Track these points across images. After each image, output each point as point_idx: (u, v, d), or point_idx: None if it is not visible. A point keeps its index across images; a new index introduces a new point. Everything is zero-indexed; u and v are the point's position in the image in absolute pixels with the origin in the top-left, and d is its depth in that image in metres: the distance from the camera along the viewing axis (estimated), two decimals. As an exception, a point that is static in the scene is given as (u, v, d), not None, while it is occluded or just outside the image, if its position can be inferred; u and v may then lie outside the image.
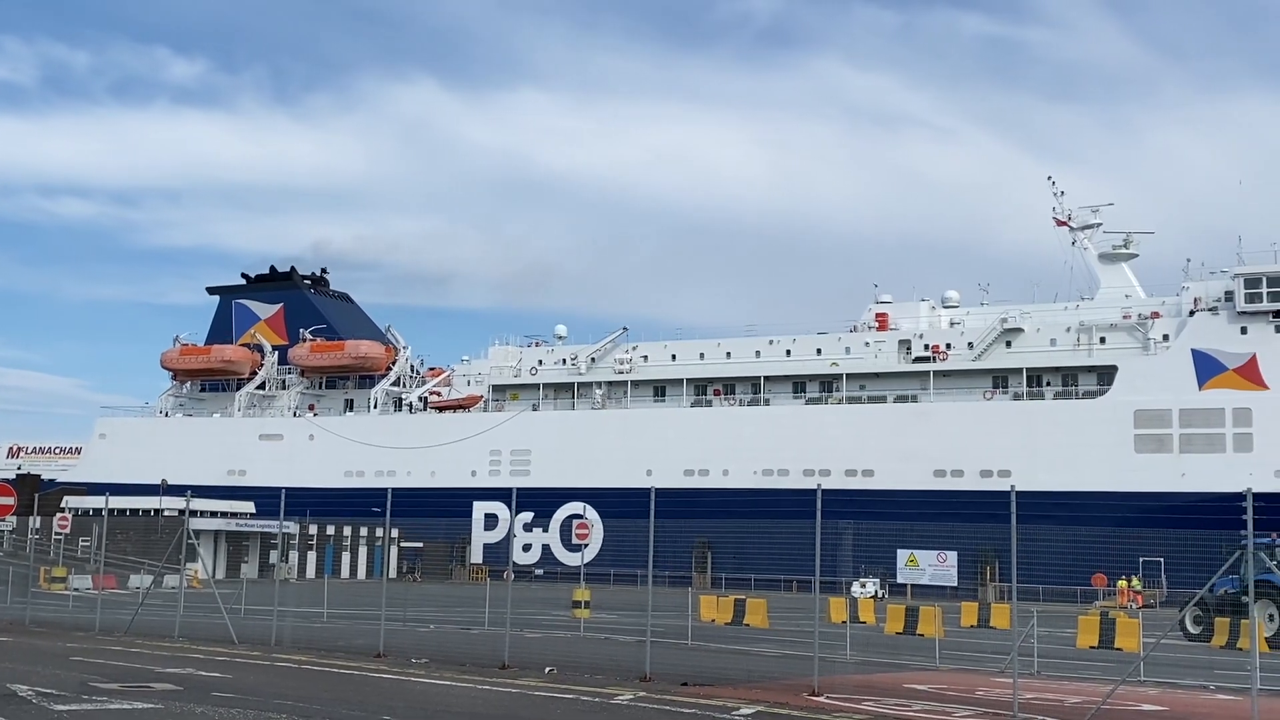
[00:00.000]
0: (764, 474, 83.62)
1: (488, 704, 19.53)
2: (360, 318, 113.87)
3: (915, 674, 25.92)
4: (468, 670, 24.34)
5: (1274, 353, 72.67)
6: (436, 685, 22.05)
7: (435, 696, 20.47)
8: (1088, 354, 79.73)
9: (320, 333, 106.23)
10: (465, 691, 21.12)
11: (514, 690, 21.10)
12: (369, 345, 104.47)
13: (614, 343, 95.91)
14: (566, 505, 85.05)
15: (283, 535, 60.23)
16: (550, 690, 21.14)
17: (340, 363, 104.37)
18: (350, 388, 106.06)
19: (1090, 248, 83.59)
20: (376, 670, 24.11)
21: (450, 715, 18.26)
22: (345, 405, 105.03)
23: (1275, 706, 20.05)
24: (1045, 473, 73.27)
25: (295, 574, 77.30)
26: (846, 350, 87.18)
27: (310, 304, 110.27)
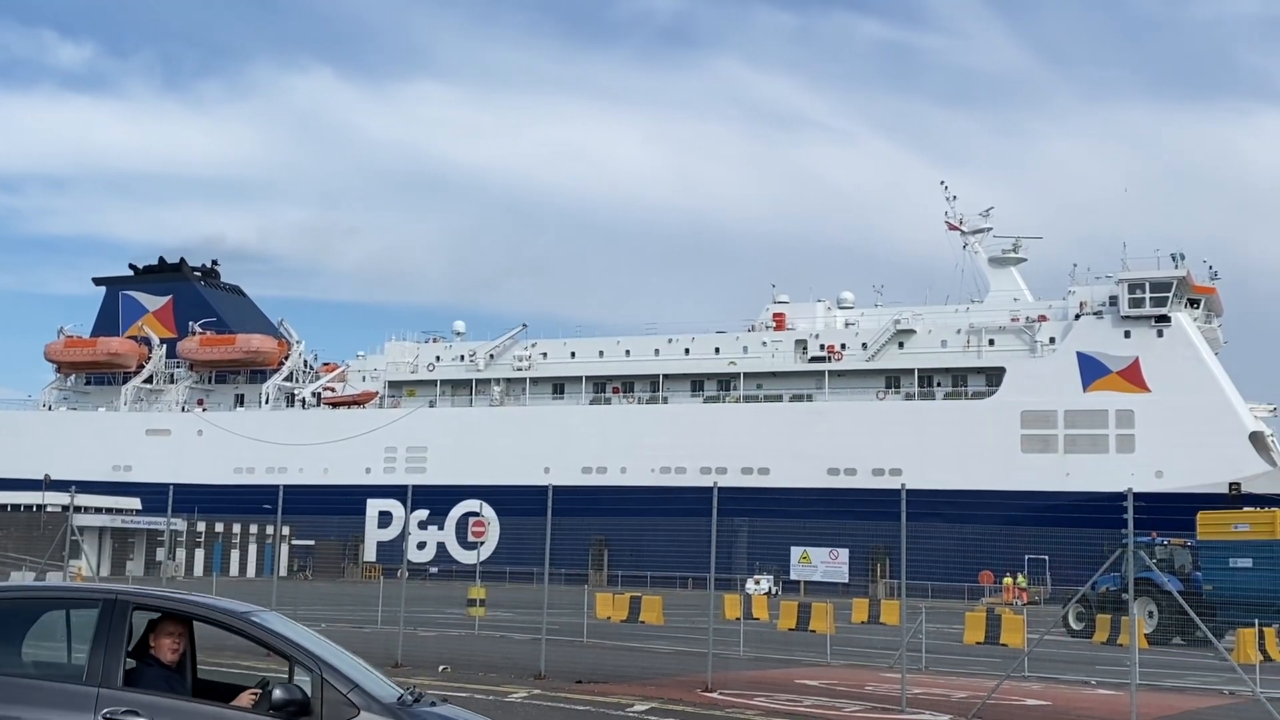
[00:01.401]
0: (662, 472, 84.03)
1: (380, 703, 19.31)
2: (252, 311, 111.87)
3: (807, 669, 26.26)
4: (360, 669, 24.03)
5: (1156, 356, 74.93)
6: (328, 684, 21.72)
7: (327, 696, 20.18)
8: (977, 355, 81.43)
9: (210, 326, 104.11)
10: (358, 690, 20.84)
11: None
12: (261, 339, 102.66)
13: (513, 340, 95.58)
14: (463, 503, 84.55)
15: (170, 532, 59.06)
16: (444, 689, 20.95)
17: (231, 357, 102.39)
18: (241, 383, 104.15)
19: (981, 251, 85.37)
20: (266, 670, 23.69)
21: (342, 714, 18.00)
22: (236, 400, 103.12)
23: (1153, 701, 20.72)
24: (935, 471, 74.62)
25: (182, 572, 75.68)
26: (744, 350, 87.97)
27: (200, 296, 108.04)
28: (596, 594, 45.60)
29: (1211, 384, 73.84)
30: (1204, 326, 76.83)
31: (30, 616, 8.25)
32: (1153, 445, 72.74)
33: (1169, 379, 73.98)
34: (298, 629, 8.26)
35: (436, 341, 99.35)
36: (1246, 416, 73.75)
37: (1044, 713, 19.62)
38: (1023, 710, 19.74)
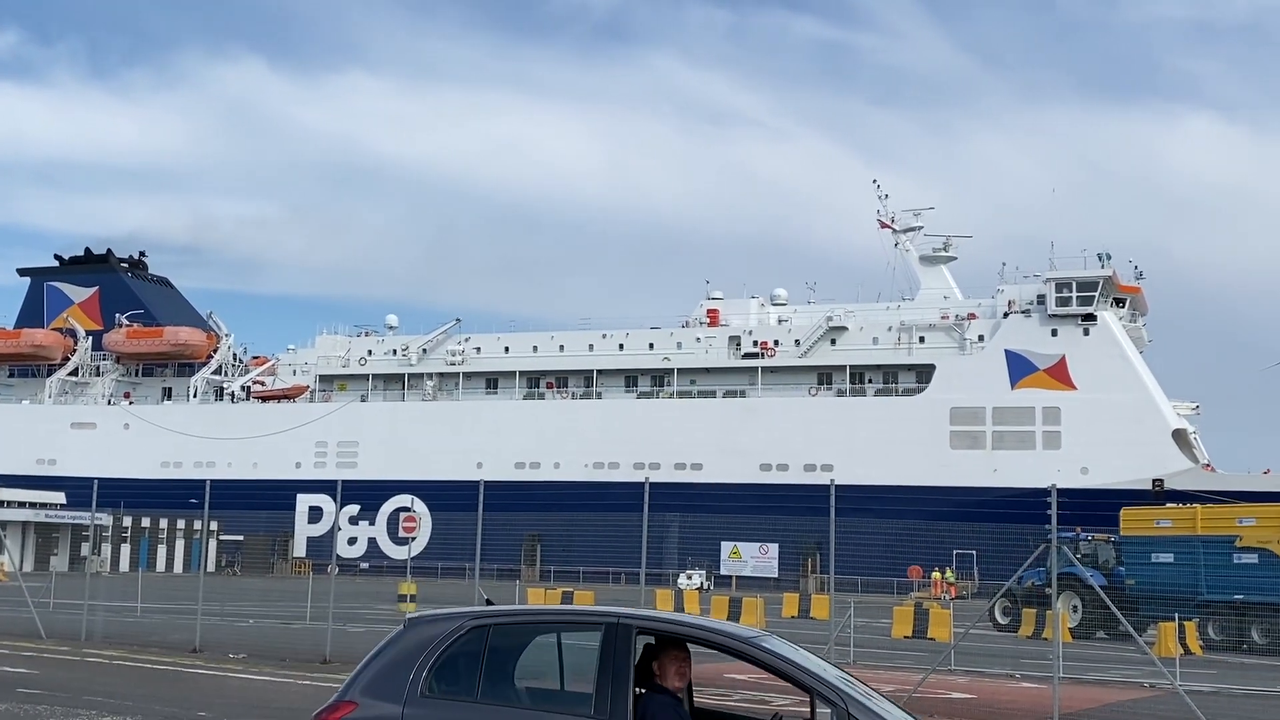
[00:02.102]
0: (595, 467, 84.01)
1: (307, 699, 19.15)
2: (180, 304, 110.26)
3: (736, 664, 26.29)
4: (288, 665, 23.85)
5: (1082, 354, 76.15)
6: (254, 681, 21.55)
7: (253, 692, 20.02)
8: (908, 353, 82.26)
9: (137, 318, 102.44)
10: (284, 687, 20.70)
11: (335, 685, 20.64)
12: (189, 332, 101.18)
13: (446, 334, 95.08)
14: (394, 498, 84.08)
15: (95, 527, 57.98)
16: (373, 685, 20.84)
17: (158, 350, 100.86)
18: (169, 376, 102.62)
19: (912, 250, 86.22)
20: (192, 666, 23.45)
21: (268, 711, 17.87)
22: (163, 394, 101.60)
23: (1076, 694, 21.08)
24: (866, 467, 75.40)
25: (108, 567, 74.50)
26: (678, 345, 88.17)
27: (127, 288, 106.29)
28: (528, 589, 45.55)
29: (1136, 382, 75.19)
30: (1129, 326, 78.19)
31: (521, 643, 7.71)
32: (1078, 442, 73.94)
33: (1095, 377, 75.24)
34: (807, 655, 7.64)
35: (368, 335, 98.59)
36: (1170, 414, 75.20)
37: (968, 705, 19.88)
38: (948, 703, 19.98)
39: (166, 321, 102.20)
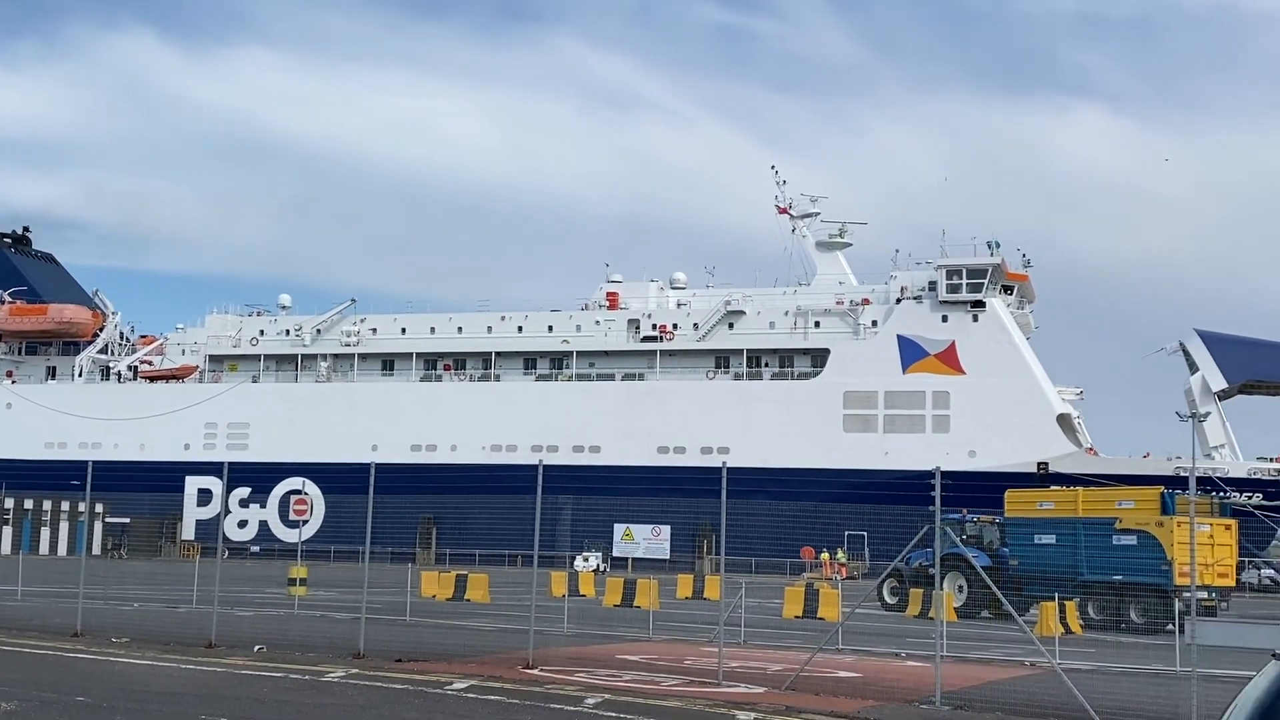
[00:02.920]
0: (493, 450, 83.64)
1: (191, 683, 18.86)
2: (66, 280, 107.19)
3: (628, 645, 26.54)
4: (171, 649, 23.43)
5: (971, 340, 77.65)
6: (137, 665, 21.15)
7: (135, 676, 19.63)
8: (803, 337, 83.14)
9: (21, 295, 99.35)
10: (167, 671, 20.33)
11: (220, 669, 20.46)
12: (74, 310, 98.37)
13: (341, 314, 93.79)
14: (286, 481, 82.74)
15: (-27, 510, 56.28)
16: (258, 669, 20.59)
17: (42, 327, 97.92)
18: (53, 354, 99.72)
19: (809, 236, 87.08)
20: (73, 650, 22.90)
21: (150, 695, 17.53)
22: (47, 373, 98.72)
23: (958, 672, 21.54)
24: (761, 450, 76.22)
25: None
26: (577, 328, 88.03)
27: (10, 264, 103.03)
28: (422, 572, 45.20)
29: (1023, 368, 76.90)
30: (1017, 312, 79.91)
31: None
32: (967, 426, 75.46)
33: (983, 362, 76.79)
34: None
35: (260, 315, 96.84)
36: (1055, 399, 77.06)
37: (854, 684, 20.22)
38: (834, 682, 20.31)
39: (51, 299, 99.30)
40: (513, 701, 17.21)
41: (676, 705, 17.30)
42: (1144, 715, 16.76)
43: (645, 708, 16.92)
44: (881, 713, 17.01)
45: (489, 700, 17.35)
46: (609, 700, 17.54)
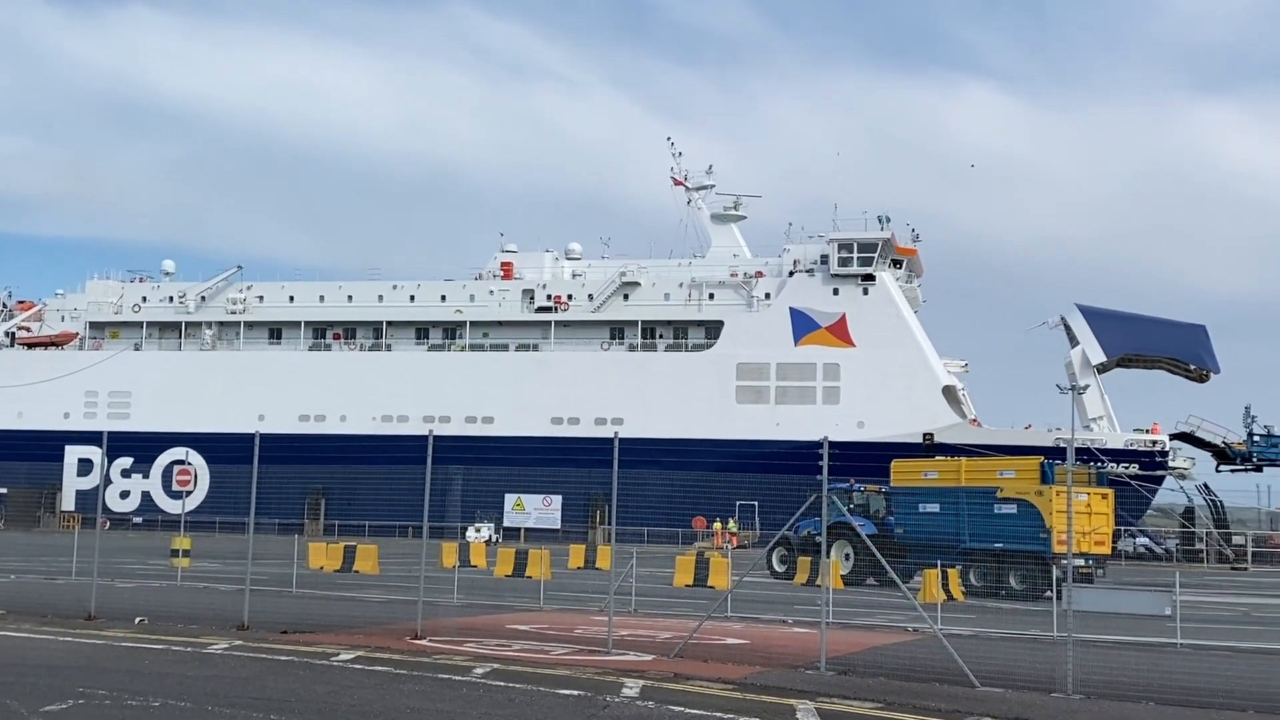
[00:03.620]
0: (384, 420, 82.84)
1: (69, 655, 18.40)
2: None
3: (519, 615, 26.53)
4: (49, 621, 22.84)
5: (861, 313, 78.75)
6: (13, 637, 20.58)
7: (10, 648, 19.09)
8: (698, 309, 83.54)
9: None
10: (45, 643, 19.81)
11: (99, 641, 20.00)
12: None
13: (227, 281, 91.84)
14: (170, 450, 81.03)
15: None
16: (139, 640, 20.16)
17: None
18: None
19: (704, 208, 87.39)
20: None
21: (26, 668, 17.04)
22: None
23: (843, 638, 21.93)
24: (656, 421, 76.65)
25: None
26: (471, 298, 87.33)
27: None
28: (309, 544, 44.71)
29: (911, 341, 78.22)
30: (905, 286, 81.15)
31: None
32: (856, 397, 76.61)
33: (872, 335, 77.94)
34: None
35: (143, 281, 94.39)
36: (941, 371, 78.55)
37: (742, 650, 20.46)
38: (722, 649, 20.52)
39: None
40: (400, 672, 17.09)
41: (566, 674, 17.33)
42: (1022, 679, 17.20)
43: (534, 676, 16.92)
44: (767, 678, 17.22)
45: (375, 671, 17.20)
46: (498, 670, 17.51)
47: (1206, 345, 78.10)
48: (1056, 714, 14.63)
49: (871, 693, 16.06)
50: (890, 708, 14.96)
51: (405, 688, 15.65)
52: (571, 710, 14.08)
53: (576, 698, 15.07)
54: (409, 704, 14.28)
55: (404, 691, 15.31)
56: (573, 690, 15.67)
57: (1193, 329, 79.21)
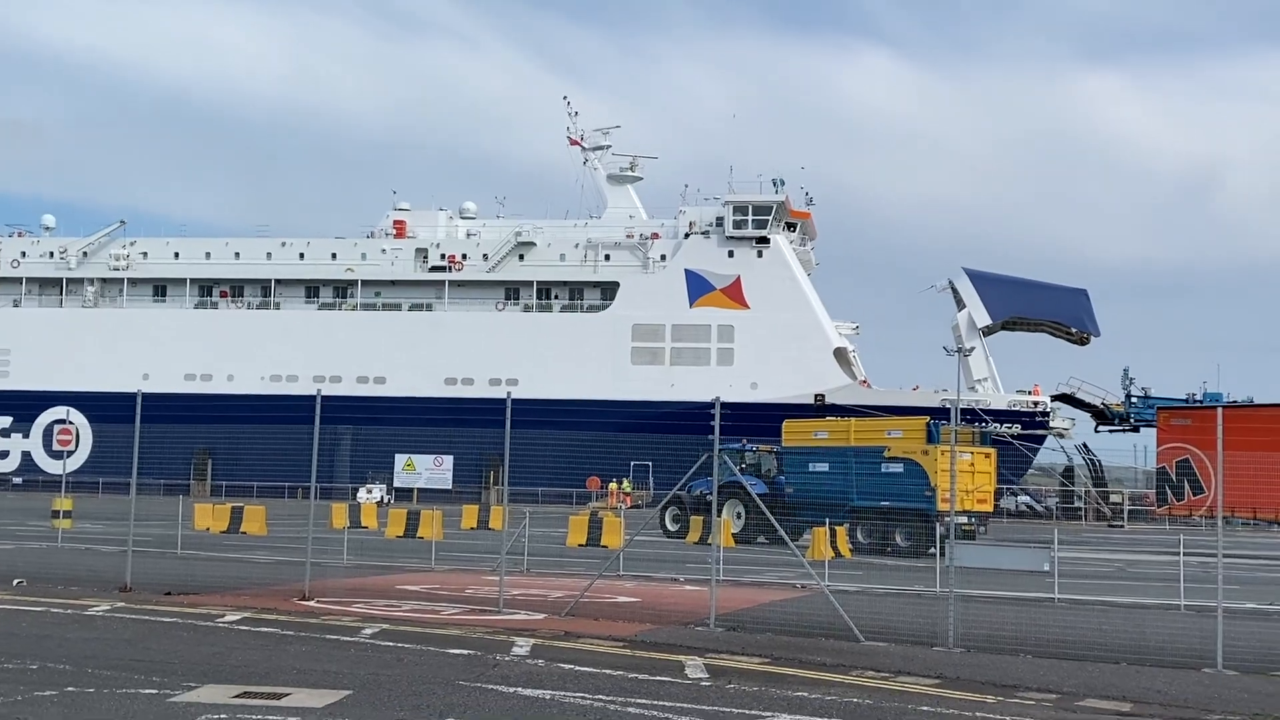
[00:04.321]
0: (272, 380, 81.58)
1: (-61, 622, 17.84)
2: None
3: (410, 575, 26.38)
4: (-79, 586, 22.12)
5: (755, 276, 79.39)
6: (-121, 604, 19.88)
7: (-124, 616, 18.44)
8: (594, 270, 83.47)
9: None
10: (-86, 609, 19.18)
11: (-27, 606, 19.43)
12: None
13: (110, 237, 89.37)
14: (51, 410, 78.89)
15: None
16: (17, 603, 19.64)
17: None
18: None
19: (600, 168, 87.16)
20: None
21: (-108, 636, 16.48)
22: None
23: (733, 594, 22.21)
24: (550, 381, 76.58)
25: None
26: (362, 256, 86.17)
27: None
28: (195, 505, 43.93)
29: (803, 303, 79.11)
30: (799, 249, 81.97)
31: None
32: (750, 359, 77.39)
33: (766, 297, 78.67)
34: None
35: (22, 236, 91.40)
36: (833, 334, 79.60)
37: (633, 608, 20.60)
38: (614, 607, 20.65)
39: None
40: (287, 633, 16.89)
41: (456, 633, 17.29)
42: (905, 633, 17.58)
43: (424, 636, 16.86)
44: (657, 635, 17.37)
45: (262, 632, 16.99)
46: (387, 630, 17.41)
47: (1087, 309, 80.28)
48: (937, 667, 14.98)
49: (759, 648, 16.29)
50: (777, 662, 15.19)
51: (292, 649, 15.48)
52: (461, 669, 14.06)
53: (466, 657, 15.05)
54: (296, 665, 14.13)
55: (291, 652, 15.15)
56: (463, 650, 15.64)
57: (1074, 293, 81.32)
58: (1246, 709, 12.70)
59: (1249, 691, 13.81)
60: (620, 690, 12.85)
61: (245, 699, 11.87)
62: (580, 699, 12.30)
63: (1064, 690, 13.61)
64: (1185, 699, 13.23)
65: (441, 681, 13.14)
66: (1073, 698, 13.21)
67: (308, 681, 12.86)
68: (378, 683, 12.96)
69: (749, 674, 14.28)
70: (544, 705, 11.95)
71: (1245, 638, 16.97)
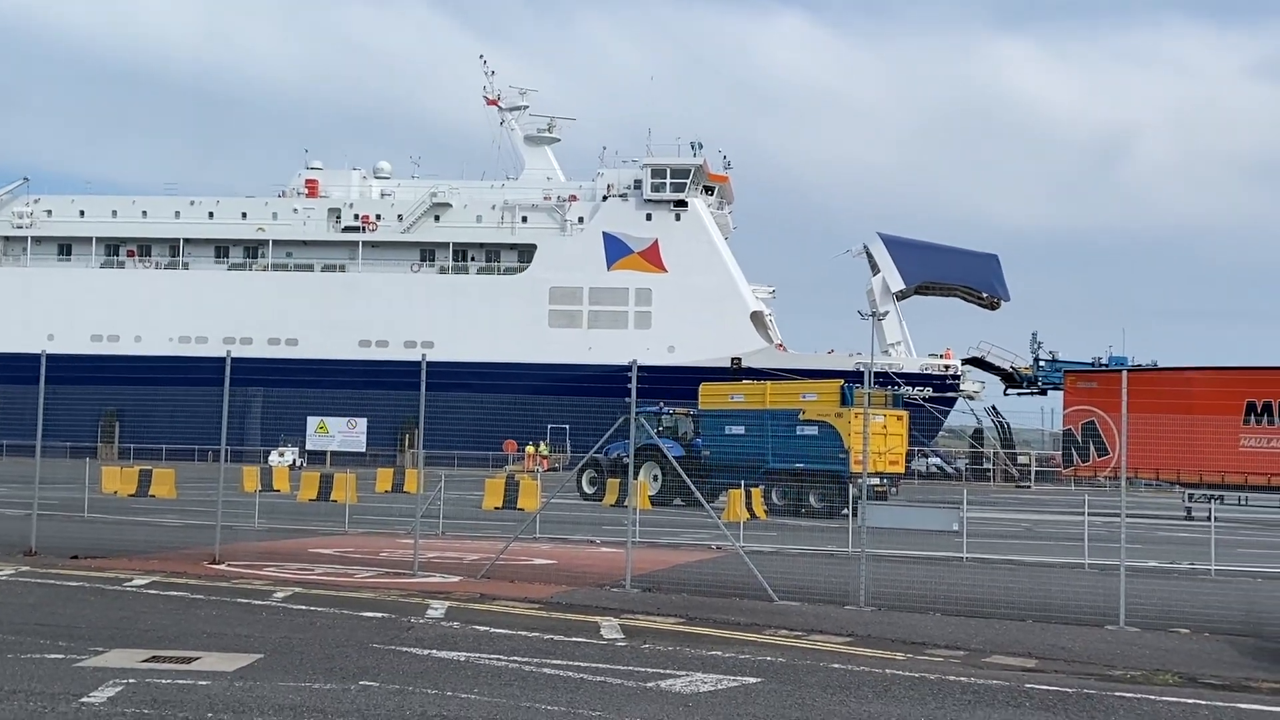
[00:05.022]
0: (181, 341, 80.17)
1: None
2: None
3: (323, 539, 26.14)
4: None
5: (673, 239, 79.44)
6: None
7: None
8: (511, 232, 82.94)
9: None
10: None
11: None
12: None
13: (12, 194, 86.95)
14: (-49, 371, 76.71)
15: None
16: (-86, 571, 19.12)
17: None
18: None
19: (517, 129, 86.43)
20: None
21: None
22: None
23: (648, 556, 22.32)
24: (467, 344, 76.13)
25: None
26: (274, 216, 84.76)
27: None
28: (103, 467, 43.10)
29: (720, 267, 79.37)
30: (716, 213, 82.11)
31: None
32: (667, 322, 77.53)
33: (684, 261, 78.79)
34: None
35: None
36: (750, 297, 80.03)
37: (549, 570, 20.62)
38: (530, 569, 20.65)
39: None
40: (197, 597, 16.65)
41: (370, 596, 17.18)
42: (818, 592, 17.80)
43: (337, 599, 16.72)
44: (573, 597, 17.41)
45: (171, 596, 16.73)
46: (299, 594, 17.24)
47: (998, 274, 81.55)
48: (849, 625, 15.20)
49: (674, 608, 16.39)
50: (692, 622, 15.31)
51: (202, 612, 15.27)
52: (375, 632, 13.97)
53: (381, 620, 14.96)
54: (206, 629, 13.94)
55: (201, 616, 14.94)
56: (377, 613, 15.54)
57: (986, 258, 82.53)
58: (1147, 664, 13.05)
59: (1150, 648, 14.19)
60: (535, 651, 12.86)
61: (154, 663, 11.68)
62: (495, 660, 12.29)
63: (971, 647, 13.88)
64: (1089, 655, 13.55)
65: (355, 644, 13.04)
66: (980, 654, 13.48)
67: (218, 645, 12.69)
68: (290, 646, 12.83)
69: (664, 634, 14.37)
70: (459, 667, 11.92)
71: (1147, 595, 17.44)
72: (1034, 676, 12.27)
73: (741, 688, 11.27)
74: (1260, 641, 14.80)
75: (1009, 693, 11.37)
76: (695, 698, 10.78)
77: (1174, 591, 19.42)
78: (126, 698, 10.10)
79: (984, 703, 10.91)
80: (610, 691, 10.91)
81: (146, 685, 10.60)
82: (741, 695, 10.95)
